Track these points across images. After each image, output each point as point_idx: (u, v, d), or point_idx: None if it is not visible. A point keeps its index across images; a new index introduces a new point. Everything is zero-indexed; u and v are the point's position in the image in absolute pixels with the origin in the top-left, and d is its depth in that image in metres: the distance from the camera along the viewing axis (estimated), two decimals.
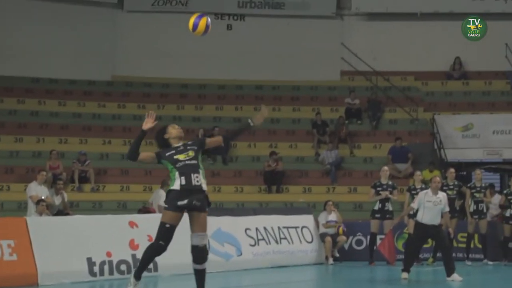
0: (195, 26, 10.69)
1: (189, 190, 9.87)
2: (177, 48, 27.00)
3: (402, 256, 16.20)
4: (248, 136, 24.65)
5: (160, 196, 18.29)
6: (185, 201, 9.84)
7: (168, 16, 27.48)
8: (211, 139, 10.51)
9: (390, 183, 18.50)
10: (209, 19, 10.72)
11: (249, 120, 10.32)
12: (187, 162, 9.93)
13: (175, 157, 9.98)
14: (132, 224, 14.94)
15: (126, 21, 27.84)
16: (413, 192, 17.93)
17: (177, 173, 9.90)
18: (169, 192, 9.99)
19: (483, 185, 18.87)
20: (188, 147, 10.08)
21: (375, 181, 18.66)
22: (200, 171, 9.99)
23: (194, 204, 9.86)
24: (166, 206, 9.94)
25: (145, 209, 18.54)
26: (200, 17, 10.73)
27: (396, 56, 27.68)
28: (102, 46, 27.14)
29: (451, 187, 18.53)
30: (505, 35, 26.44)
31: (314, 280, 16.58)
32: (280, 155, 23.18)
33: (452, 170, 19.16)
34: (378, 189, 18.33)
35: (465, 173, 24.25)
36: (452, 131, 24.03)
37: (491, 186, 20.47)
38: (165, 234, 9.88)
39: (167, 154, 10.05)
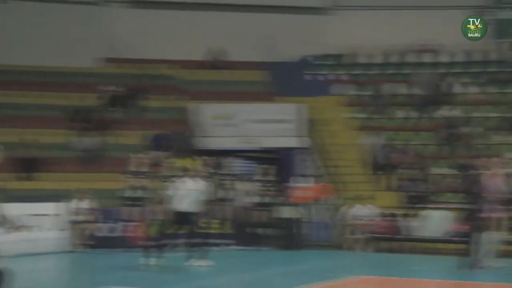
0: None
1: None
2: None
3: (154, 243, 16.20)
4: None
5: None
6: None
7: None
8: None
9: (145, 170, 18.53)
10: None
11: None
12: None
13: None
14: None
15: None
16: (167, 179, 18.00)
17: None
18: None
19: (233, 172, 19.30)
20: None
21: (130, 169, 18.63)
22: None
23: None
24: None
25: None
26: None
27: (159, 44, 27.69)
28: None
29: (206, 174, 18.79)
30: (263, 27, 27.14)
31: (54, 269, 16.24)
32: (31, 142, 22.54)
33: (207, 158, 19.48)
34: (132, 176, 18.31)
35: (222, 161, 24.64)
36: (211, 120, 24.31)
37: (242, 174, 20.96)
38: None
39: None
